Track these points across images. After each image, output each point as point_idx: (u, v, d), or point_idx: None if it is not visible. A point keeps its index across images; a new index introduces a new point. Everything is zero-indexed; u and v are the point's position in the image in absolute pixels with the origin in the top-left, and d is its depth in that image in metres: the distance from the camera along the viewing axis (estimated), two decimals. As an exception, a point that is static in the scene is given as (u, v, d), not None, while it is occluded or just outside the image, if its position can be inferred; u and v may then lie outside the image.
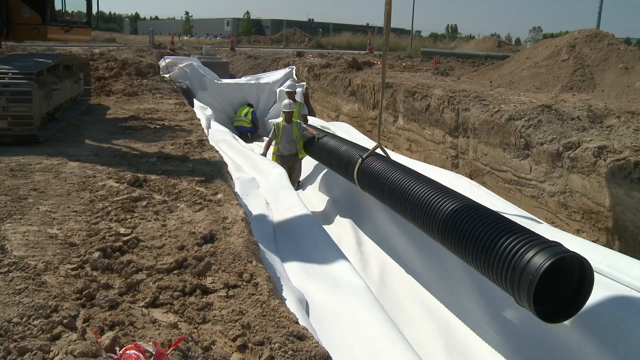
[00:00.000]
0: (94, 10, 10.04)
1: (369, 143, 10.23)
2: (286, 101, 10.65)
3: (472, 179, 9.05)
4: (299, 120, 10.58)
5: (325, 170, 10.24)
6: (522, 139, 7.96)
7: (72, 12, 10.51)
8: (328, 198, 9.66)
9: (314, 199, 10.06)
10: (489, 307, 5.96)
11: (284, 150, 10.40)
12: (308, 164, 11.07)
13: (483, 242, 4.83)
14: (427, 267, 7.05)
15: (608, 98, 9.83)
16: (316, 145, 9.89)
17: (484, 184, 8.73)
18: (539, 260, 4.23)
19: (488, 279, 4.96)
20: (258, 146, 14.21)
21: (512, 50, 25.40)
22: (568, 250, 4.37)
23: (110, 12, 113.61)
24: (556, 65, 11.67)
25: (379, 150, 7.78)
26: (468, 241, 5.03)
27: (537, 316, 4.38)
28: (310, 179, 11.19)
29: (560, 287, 4.56)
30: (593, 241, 6.46)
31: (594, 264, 5.12)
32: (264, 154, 10.48)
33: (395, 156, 10.00)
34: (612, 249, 6.15)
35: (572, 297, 4.55)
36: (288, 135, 10.31)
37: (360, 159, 7.62)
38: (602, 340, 4.70)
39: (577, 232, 6.93)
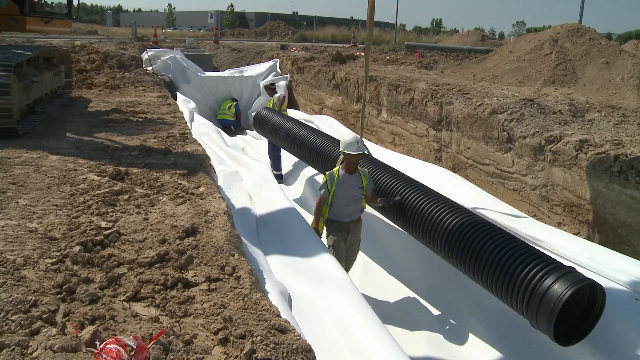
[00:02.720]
0: (75, 2, 9.92)
1: (352, 136, 10.19)
2: (348, 137, 6.18)
3: (455, 172, 9.10)
4: (366, 169, 6.55)
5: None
6: (505, 133, 8.01)
7: (52, 3, 10.38)
8: (311, 191, 9.64)
9: (297, 193, 10.05)
10: (471, 300, 6.02)
11: (342, 215, 6.27)
12: (291, 156, 10.96)
13: (501, 266, 4.79)
14: (410, 261, 7.09)
15: (589, 92, 9.92)
16: (285, 135, 9.19)
17: (466, 177, 8.77)
18: (560, 290, 4.28)
19: (504, 302, 4.95)
20: (242, 139, 14.16)
21: (496, 44, 25.52)
22: (585, 278, 4.44)
23: (92, 4, 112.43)
24: (539, 60, 11.74)
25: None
26: (480, 261, 4.99)
27: (555, 341, 4.42)
28: (294, 172, 11.18)
29: (571, 310, 4.58)
30: (574, 234, 6.53)
31: (575, 256, 5.20)
32: (316, 228, 6.26)
33: (378, 149, 10.02)
34: (592, 241, 6.23)
35: (582, 318, 4.62)
36: (350, 191, 6.19)
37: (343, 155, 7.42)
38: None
39: (559, 225, 7.00)
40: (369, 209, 6.84)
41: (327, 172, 6.28)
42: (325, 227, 6.34)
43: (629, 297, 4.85)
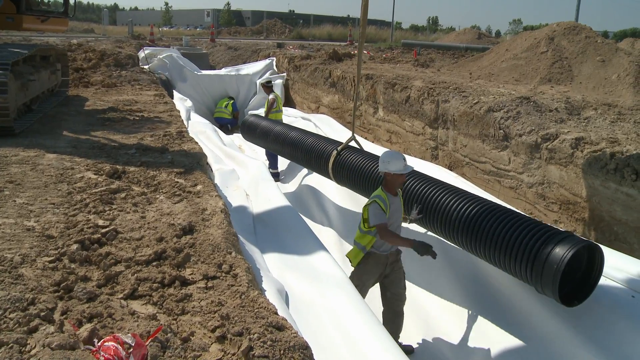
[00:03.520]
0: (72, 0, 9.90)
1: (349, 134, 10.17)
2: (392, 154, 5.35)
3: (451, 170, 9.11)
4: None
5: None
6: (501, 131, 8.03)
7: (49, 1, 10.36)
8: (309, 190, 9.65)
9: (294, 191, 10.05)
10: (469, 297, 6.02)
11: (385, 247, 5.33)
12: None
13: (502, 237, 4.92)
14: (407, 258, 7.09)
15: (585, 90, 9.94)
16: (275, 137, 8.88)
17: (463, 175, 8.79)
18: (561, 252, 4.44)
19: (505, 271, 5.09)
20: (238, 138, 14.15)
21: (492, 42, 25.51)
22: (583, 240, 4.62)
23: (88, 2, 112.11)
24: (535, 58, 11.76)
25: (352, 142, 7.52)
26: (483, 237, 5.09)
27: (560, 302, 4.57)
28: (291, 170, 11.18)
29: (572, 273, 4.74)
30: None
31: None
32: (416, 241, 5.08)
33: (375, 147, 10.02)
34: (588, 239, 6.24)
35: (583, 281, 4.81)
36: (397, 215, 5.36)
37: (335, 152, 7.32)
38: (577, 327, 4.78)
39: (555, 223, 7.02)
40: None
41: (375, 198, 5.17)
42: (361, 260, 5.41)
43: (626, 294, 4.87)
